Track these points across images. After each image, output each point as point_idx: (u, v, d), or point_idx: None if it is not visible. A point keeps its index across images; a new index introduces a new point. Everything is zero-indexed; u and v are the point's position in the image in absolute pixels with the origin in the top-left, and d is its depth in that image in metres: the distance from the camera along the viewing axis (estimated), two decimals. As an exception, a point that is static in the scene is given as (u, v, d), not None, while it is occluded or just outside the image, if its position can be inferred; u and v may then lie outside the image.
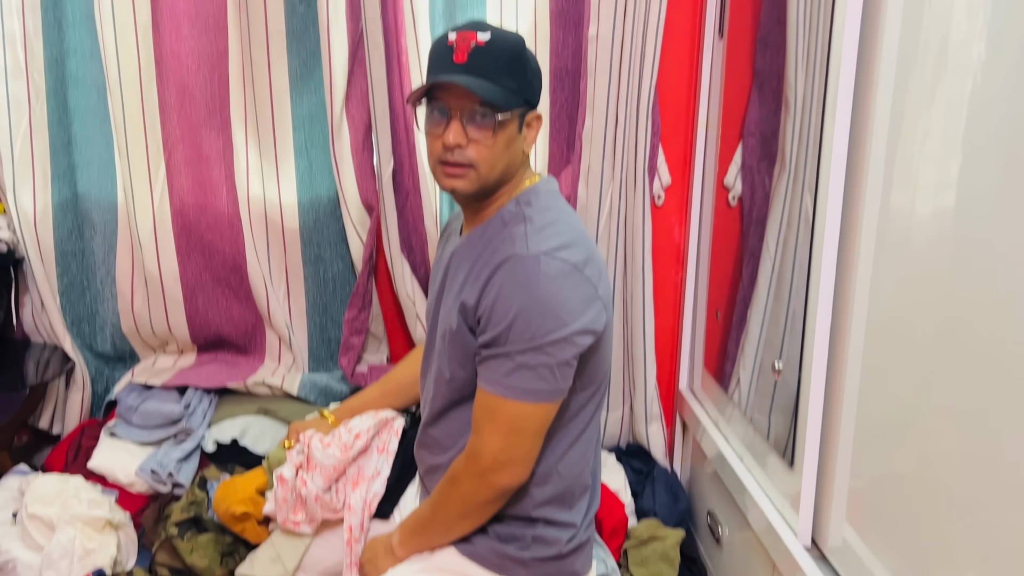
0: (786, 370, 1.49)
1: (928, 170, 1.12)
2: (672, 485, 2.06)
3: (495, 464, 1.26)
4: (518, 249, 1.24)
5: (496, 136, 1.27)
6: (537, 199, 1.34)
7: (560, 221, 1.30)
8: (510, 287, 1.22)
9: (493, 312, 1.23)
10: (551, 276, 1.21)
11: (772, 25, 1.61)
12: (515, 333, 1.21)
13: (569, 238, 1.27)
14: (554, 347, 1.21)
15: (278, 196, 2.10)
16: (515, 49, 1.28)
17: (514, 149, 1.31)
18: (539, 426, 1.27)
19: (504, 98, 1.25)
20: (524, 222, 1.29)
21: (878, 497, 1.25)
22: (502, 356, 1.23)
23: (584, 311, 1.23)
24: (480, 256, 1.31)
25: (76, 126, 2.09)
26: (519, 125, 1.31)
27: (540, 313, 1.20)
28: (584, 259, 1.25)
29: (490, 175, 1.29)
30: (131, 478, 1.92)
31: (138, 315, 2.16)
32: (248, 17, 1.96)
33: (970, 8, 1.05)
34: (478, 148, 1.27)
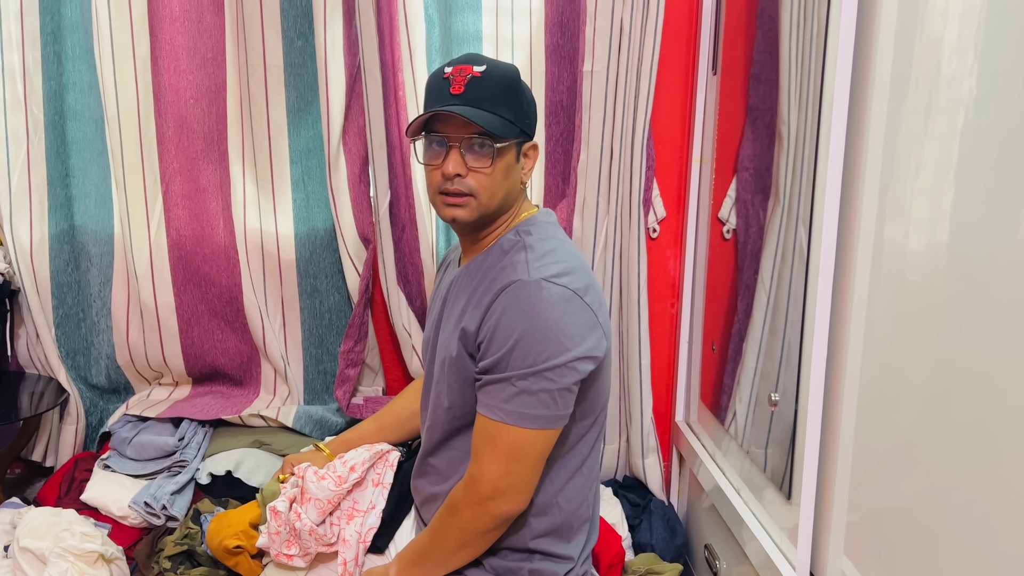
0: (782, 402, 1.49)
1: (921, 203, 1.13)
2: (669, 518, 2.04)
3: (495, 492, 1.24)
4: (520, 275, 1.24)
5: (495, 165, 1.28)
6: (536, 228, 1.34)
7: (560, 249, 1.31)
8: (512, 312, 1.21)
9: (494, 337, 1.22)
10: (553, 302, 1.21)
11: (765, 61, 1.62)
12: (516, 358, 1.20)
13: (569, 265, 1.27)
14: (555, 372, 1.20)
15: (275, 228, 2.10)
16: (510, 79, 1.29)
17: (512, 178, 1.32)
18: (540, 453, 1.26)
19: (501, 127, 1.26)
20: (525, 250, 1.29)
21: (876, 530, 1.23)
22: (503, 381, 1.22)
23: (585, 337, 1.23)
24: (480, 284, 1.30)
25: (74, 158, 2.09)
26: (517, 154, 1.32)
27: (542, 339, 1.20)
28: (585, 286, 1.25)
29: (490, 203, 1.30)
30: (124, 511, 1.89)
31: (133, 347, 2.15)
32: (246, 51, 1.97)
33: (960, 43, 1.06)
34: (477, 177, 1.28)
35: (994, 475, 0.97)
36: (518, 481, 1.25)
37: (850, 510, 1.32)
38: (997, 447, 0.96)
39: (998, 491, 0.96)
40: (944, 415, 1.06)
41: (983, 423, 0.99)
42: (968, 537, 1.02)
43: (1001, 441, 0.95)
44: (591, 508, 1.42)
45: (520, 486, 1.26)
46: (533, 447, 1.24)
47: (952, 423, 1.05)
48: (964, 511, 1.02)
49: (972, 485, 1.01)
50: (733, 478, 1.78)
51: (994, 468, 0.97)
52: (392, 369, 2.26)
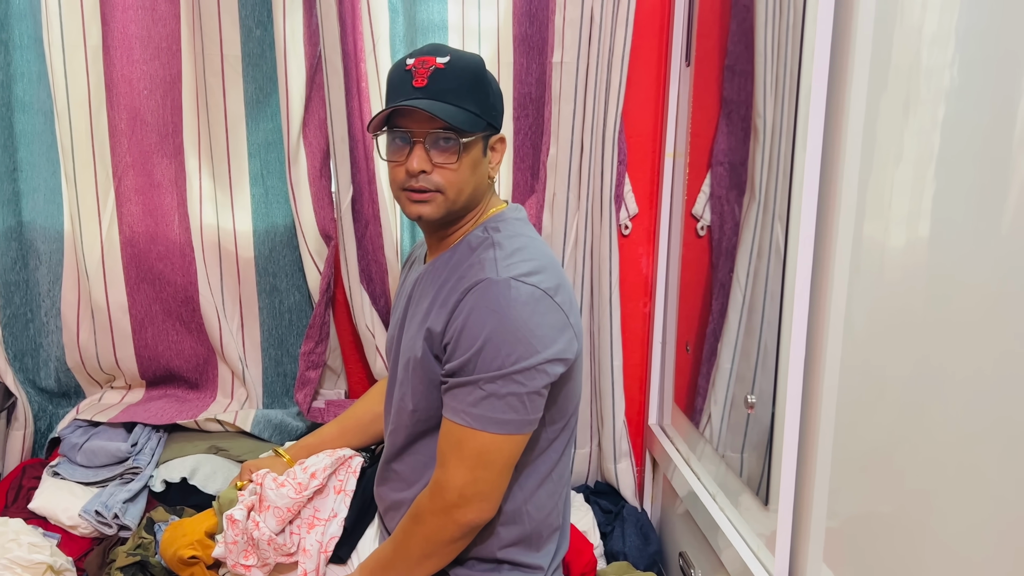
0: (759, 405, 1.46)
1: (901, 198, 1.10)
2: (642, 525, 2.02)
3: (461, 499, 1.20)
4: (488, 274, 1.20)
5: (461, 160, 1.25)
6: (505, 225, 1.31)
7: (530, 247, 1.27)
8: (480, 312, 1.18)
9: (461, 338, 1.19)
10: (522, 301, 1.18)
11: (740, 52, 1.60)
12: (484, 360, 1.17)
13: (539, 264, 1.24)
14: (524, 375, 1.17)
15: (232, 225, 2.04)
16: (475, 71, 1.26)
17: (480, 173, 1.29)
18: (508, 459, 1.22)
19: (466, 121, 1.23)
20: (493, 247, 1.26)
21: (856, 536, 1.21)
22: (470, 384, 1.18)
23: (556, 338, 1.20)
24: (447, 282, 1.27)
25: (22, 152, 2.01)
26: (484, 148, 1.29)
27: (510, 340, 1.16)
28: (555, 285, 1.22)
29: (457, 199, 1.27)
30: (74, 520, 1.84)
31: (84, 348, 2.08)
32: (203, 41, 1.91)
33: (940, 32, 1.03)
34: (443, 172, 1.25)
35: (975, 479, 0.95)
36: (485, 488, 1.21)
37: (829, 516, 1.29)
38: (978, 450, 0.94)
39: (979, 495, 0.94)
40: (925, 417, 1.04)
41: (964, 425, 0.96)
42: (949, 542, 1.00)
43: (983, 444, 0.93)
44: (561, 516, 1.39)
45: (487, 493, 1.22)
46: (501, 453, 1.20)
47: (933, 425, 1.02)
48: (945, 516, 1.00)
49: (953, 489, 0.99)
50: (708, 483, 1.75)
51: (975, 472, 0.95)
52: (355, 371, 2.21)
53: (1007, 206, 0.90)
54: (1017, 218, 0.89)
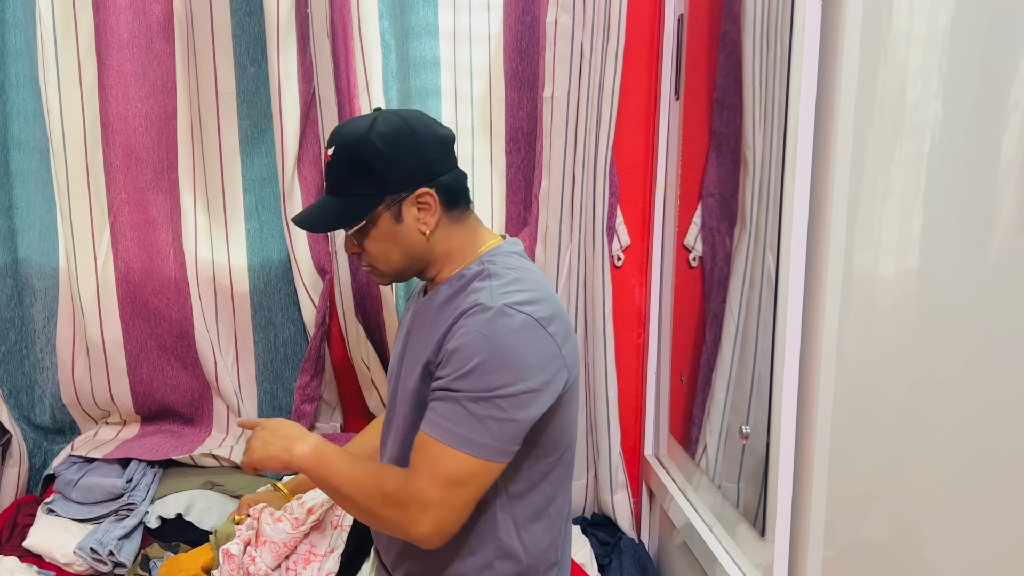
0: (754, 435, 1.46)
1: (890, 229, 1.11)
2: (640, 557, 2.00)
3: (422, 515, 1.17)
4: (482, 300, 1.20)
5: (369, 241, 1.30)
6: (501, 258, 1.31)
7: (526, 279, 1.27)
8: (471, 335, 1.18)
9: (452, 358, 1.18)
10: (513, 329, 1.17)
11: (728, 85, 1.61)
12: (470, 381, 1.16)
13: (535, 295, 1.23)
14: (506, 401, 1.16)
15: (227, 260, 2.04)
16: (351, 153, 1.27)
17: (404, 237, 1.30)
18: (477, 487, 1.19)
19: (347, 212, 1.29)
20: (489, 278, 1.25)
21: (853, 566, 1.20)
22: (451, 400, 1.17)
23: (543, 368, 1.19)
24: (442, 310, 1.27)
25: (17, 189, 2.02)
26: (396, 215, 1.29)
27: (498, 365, 1.16)
28: (550, 316, 1.22)
29: (391, 268, 1.33)
30: (69, 558, 1.82)
31: (79, 384, 2.07)
32: (198, 78, 1.93)
33: (925, 67, 1.05)
34: (365, 253, 1.32)
35: (972, 506, 0.94)
36: (448, 516, 1.17)
37: (826, 545, 1.28)
38: (974, 477, 0.94)
39: (976, 523, 0.94)
40: (919, 445, 1.04)
41: (959, 452, 0.96)
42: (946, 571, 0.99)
43: (978, 471, 0.93)
44: (559, 551, 1.37)
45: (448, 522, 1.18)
46: (472, 480, 1.17)
47: (927, 453, 1.02)
48: (941, 544, 1.00)
49: (949, 517, 0.98)
50: (705, 514, 1.74)
51: (972, 499, 0.94)
52: (350, 404, 2.20)
53: (993, 234, 0.91)
54: (1003, 245, 0.90)
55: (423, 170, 1.28)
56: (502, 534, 1.27)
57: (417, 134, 1.29)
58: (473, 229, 1.36)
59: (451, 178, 1.31)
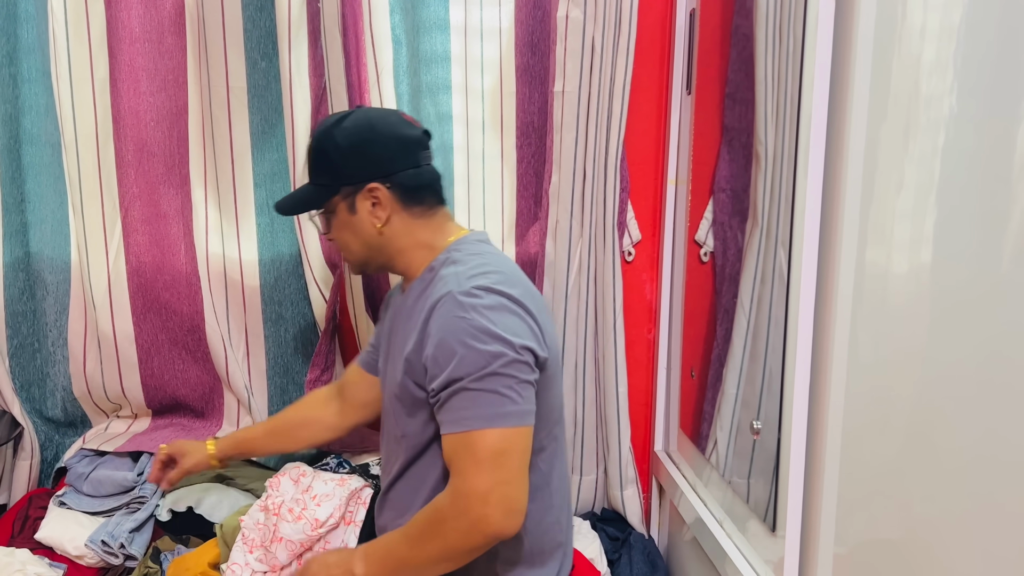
0: (764, 430, 1.45)
1: (903, 224, 1.11)
2: (650, 552, 2.00)
3: (486, 508, 1.16)
4: (451, 287, 1.24)
5: (331, 226, 1.42)
6: (466, 247, 1.36)
7: (491, 262, 1.31)
8: (450, 323, 1.21)
9: (439, 353, 1.21)
10: (488, 306, 1.21)
11: (740, 80, 1.61)
12: (465, 365, 1.18)
13: (502, 277, 1.27)
14: (508, 368, 1.19)
15: (238, 254, 2.05)
16: (315, 145, 1.40)
17: (360, 229, 1.39)
18: (521, 456, 1.20)
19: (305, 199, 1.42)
20: (454, 264, 1.30)
21: (864, 563, 1.20)
22: (460, 391, 1.19)
23: (524, 337, 1.22)
24: (416, 304, 1.31)
25: (29, 184, 2.03)
26: (349, 206, 1.38)
27: (485, 339, 1.18)
28: (519, 293, 1.25)
29: (354, 256, 1.43)
30: (81, 550, 1.83)
31: (90, 378, 2.08)
32: (209, 73, 1.93)
33: (939, 62, 1.04)
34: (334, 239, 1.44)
35: (985, 503, 0.94)
36: (510, 492, 1.17)
37: (837, 542, 1.28)
38: (987, 474, 0.93)
39: (989, 520, 0.93)
40: (931, 442, 1.03)
41: (972, 450, 0.96)
42: (957, 568, 0.99)
43: (991, 468, 0.93)
44: (564, 532, 1.38)
45: (513, 498, 1.18)
46: (514, 449, 1.19)
47: (940, 450, 1.02)
48: (953, 542, 0.99)
49: (962, 514, 0.98)
50: (715, 510, 1.74)
51: (985, 496, 0.94)
52: (360, 399, 2.19)
53: (1008, 231, 0.91)
54: (1017, 242, 0.89)
55: (376, 166, 1.36)
56: None
57: (374, 131, 1.37)
58: (440, 225, 1.41)
59: (411, 176, 1.37)
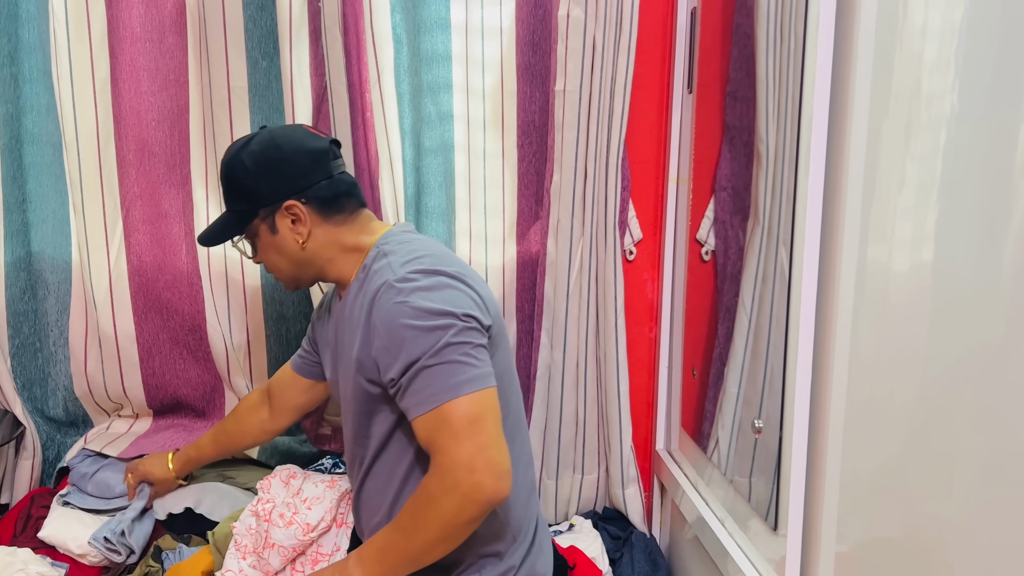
0: (766, 429, 1.45)
1: (904, 223, 1.11)
2: (651, 551, 2.00)
3: (473, 474, 1.16)
4: (387, 277, 1.25)
5: (256, 249, 1.44)
6: (394, 239, 1.37)
7: (422, 248, 1.33)
8: (390, 310, 1.22)
9: (388, 342, 1.21)
10: (425, 287, 1.23)
11: (741, 79, 1.61)
12: (419, 346, 1.19)
13: (434, 259, 1.29)
14: (457, 337, 1.20)
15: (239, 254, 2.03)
16: (226, 170, 1.41)
17: (285, 247, 1.40)
18: (494, 417, 1.21)
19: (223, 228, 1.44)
20: (386, 256, 1.31)
21: (866, 562, 1.20)
22: (420, 371, 1.19)
23: (467, 306, 1.23)
24: (355, 304, 1.32)
25: (31, 184, 2.03)
26: (270, 227, 1.39)
27: (429, 316, 1.20)
28: (454, 270, 1.27)
29: (285, 275, 1.45)
30: (84, 549, 1.82)
31: (92, 377, 2.08)
32: (210, 72, 1.93)
33: (940, 60, 1.04)
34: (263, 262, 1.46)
35: (987, 501, 0.94)
36: (492, 455, 1.17)
37: (839, 540, 1.28)
38: (989, 473, 0.93)
39: (991, 518, 0.93)
40: (934, 440, 1.03)
41: (974, 448, 0.96)
42: (959, 567, 0.99)
43: (994, 466, 0.93)
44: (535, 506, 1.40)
45: (496, 461, 1.17)
46: (485, 412, 1.19)
47: (942, 448, 1.02)
48: (956, 540, 0.99)
49: (965, 512, 0.98)
50: (717, 508, 1.74)
51: (987, 494, 0.94)
52: (362, 398, 2.20)
53: (1010, 229, 0.90)
54: (1020, 240, 0.89)
55: (289, 184, 1.37)
56: None
57: (281, 150, 1.37)
58: (364, 226, 1.43)
59: (325, 187, 1.38)
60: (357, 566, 1.27)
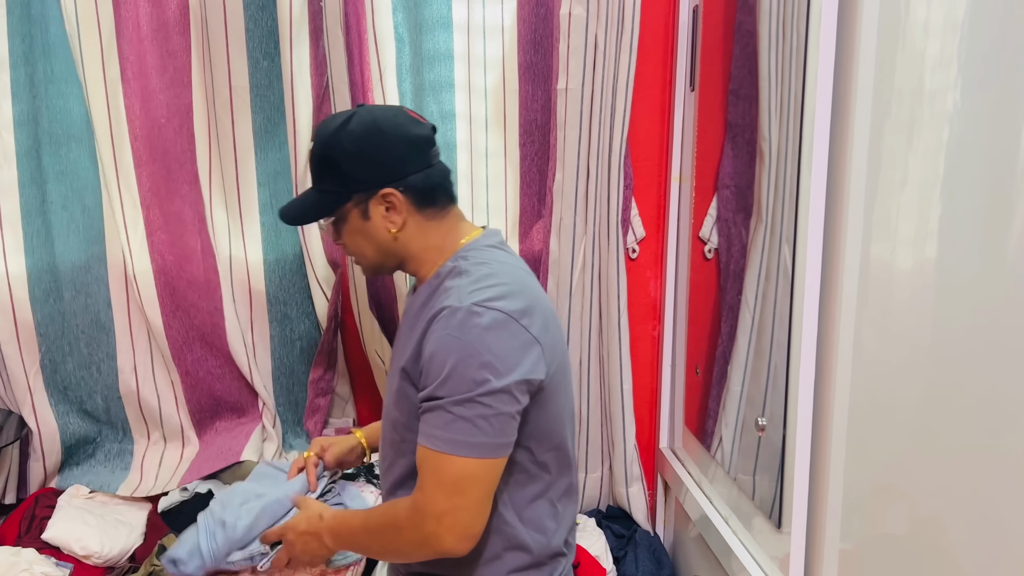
0: (770, 427, 1.45)
1: (907, 220, 1.10)
2: (655, 549, 2.00)
3: (439, 528, 1.17)
4: (451, 301, 1.20)
5: (342, 234, 1.34)
6: (475, 253, 1.31)
7: (499, 272, 1.26)
8: (443, 339, 1.18)
9: (431, 367, 1.19)
10: (484, 326, 1.17)
11: (744, 76, 1.60)
12: (450, 385, 1.16)
13: (507, 289, 1.23)
14: (491, 398, 1.15)
15: (244, 254, 2.05)
16: (321, 149, 1.32)
17: (373, 234, 1.32)
18: (486, 487, 1.20)
19: (315, 207, 1.34)
20: (459, 275, 1.26)
21: (870, 559, 1.20)
22: (438, 408, 1.17)
23: (521, 360, 1.18)
24: (419, 313, 1.28)
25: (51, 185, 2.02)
26: (362, 213, 1.31)
27: (474, 364, 1.15)
28: (522, 308, 1.21)
29: (368, 261, 1.36)
30: (87, 550, 1.84)
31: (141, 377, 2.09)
32: (212, 73, 1.93)
33: (943, 57, 1.04)
34: (345, 244, 1.36)
35: (990, 498, 0.94)
36: (464, 518, 1.18)
37: (842, 538, 1.28)
38: (992, 470, 0.93)
39: (994, 516, 0.93)
40: (937, 437, 1.03)
41: (977, 445, 0.96)
42: (962, 564, 0.98)
43: (996, 464, 0.93)
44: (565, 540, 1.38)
45: (466, 524, 1.18)
46: (477, 479, 1.18)
47: (945, 445, 1.02)
48: (959, 537, 0.99)
49: (968, 510, 0.97)
50: (720, 506, 1.73)
51: (990, 492, 0.94)
52: (363, 398, 2.20)
53: (1012, 226, 0.90)
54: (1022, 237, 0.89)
55: (389, 170, 1.31)
56: (506, 526, 1.27)
57: (384, 135, 1.30)
58: (452, 226, 1.36)
59: (423, 178, 1.32)
60: (329, 535, 1.32)
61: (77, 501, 1.97)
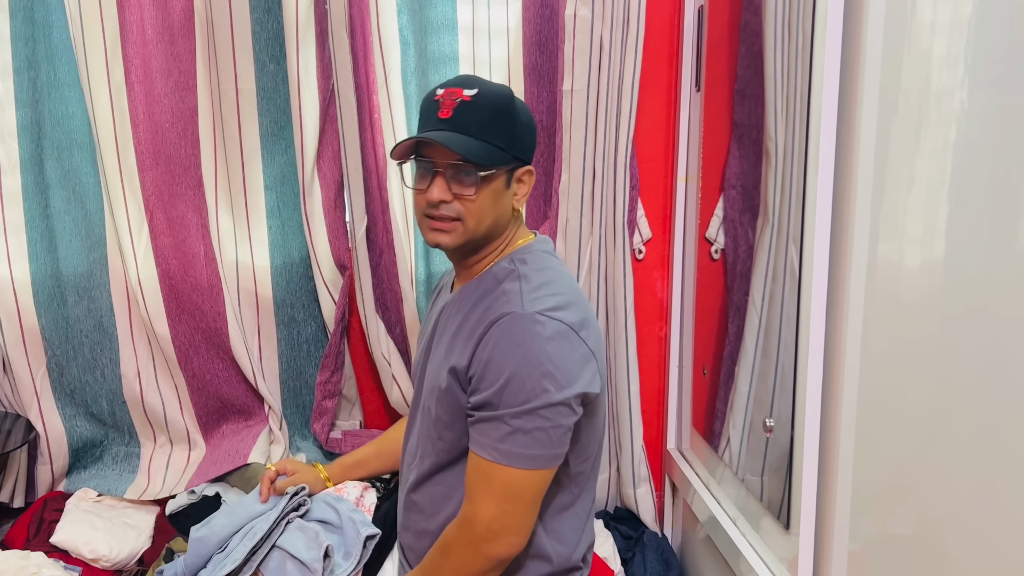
0: (777, 428, 1.45)
1: (915, 220, 1.10)
2: (663, 551, 1.99)
3: (490, 533, 1.19)
4: (513, 307, 1.19)
5: (480, 191, 1.24)
6: (532, 257, 1.30)
7: (557, 281, 1.26)
8: (504, 346, 1.17)
9: (487, 372, 1.18)
10: (547, 337, 1.16)
11: (749, 76, 1.60)
12: (509, 396, 1.15)
13: (566, 299, 1.22)
14: (550, 411, 1.16)
15: (251, 258, 2.05)
16: (501, 104, 1.25)
17: (502, 205, 1.28)
18: (536, 493, 1.21)
19: (486, 155, 1.22)
20: (519, 280, 1.24)
21: (878, 560, 1.19)
22: (496, 420, 1.17)
23: (580, 373, 1.18)
24: (472, 312, 1.26)
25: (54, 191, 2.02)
26: (507, 180, 1.28)
27: (536, 375, 1.15)
28: (581, 320, 1.21)
29: (477, 229, 1.27)
30: (96, 553, 1.84)
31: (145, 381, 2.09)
32: (218, 76, 1.93)
33: (949, 56, 1.03)
34: (463, 202, 1.24)
35: (999, 499, 0.93)
36: (514, 522, 1.20)
37: (851, 539, 1.27)
38: (1001, 469, 0.93)
39: (1004, 516, 0.93)
40: (945, 438, 1.03)
41: (986, 445, 0.95)
42: (972, 566, 0.98)
43: (1005, 463, 0.92)
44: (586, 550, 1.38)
45: (516, 527, 1.20)
46: (529, 487, 1.19)
47: (954, 446, 1.01)
48: (969, 538, 0.99)
49: (977, 510, 0.97)
50: (728, 508, 1.73)
51: (999, 492, 0.93)
52: (370, 400, 2.20)
53: (1021, 226, 0.90)
54: (1032, 238, 0.88)
55: (532, 150, 1.33)
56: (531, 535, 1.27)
57: (530, 116, 1.33)
58: (520, 223, 1.37)
59: None
60: None
61: (85, 504, 1.97)
